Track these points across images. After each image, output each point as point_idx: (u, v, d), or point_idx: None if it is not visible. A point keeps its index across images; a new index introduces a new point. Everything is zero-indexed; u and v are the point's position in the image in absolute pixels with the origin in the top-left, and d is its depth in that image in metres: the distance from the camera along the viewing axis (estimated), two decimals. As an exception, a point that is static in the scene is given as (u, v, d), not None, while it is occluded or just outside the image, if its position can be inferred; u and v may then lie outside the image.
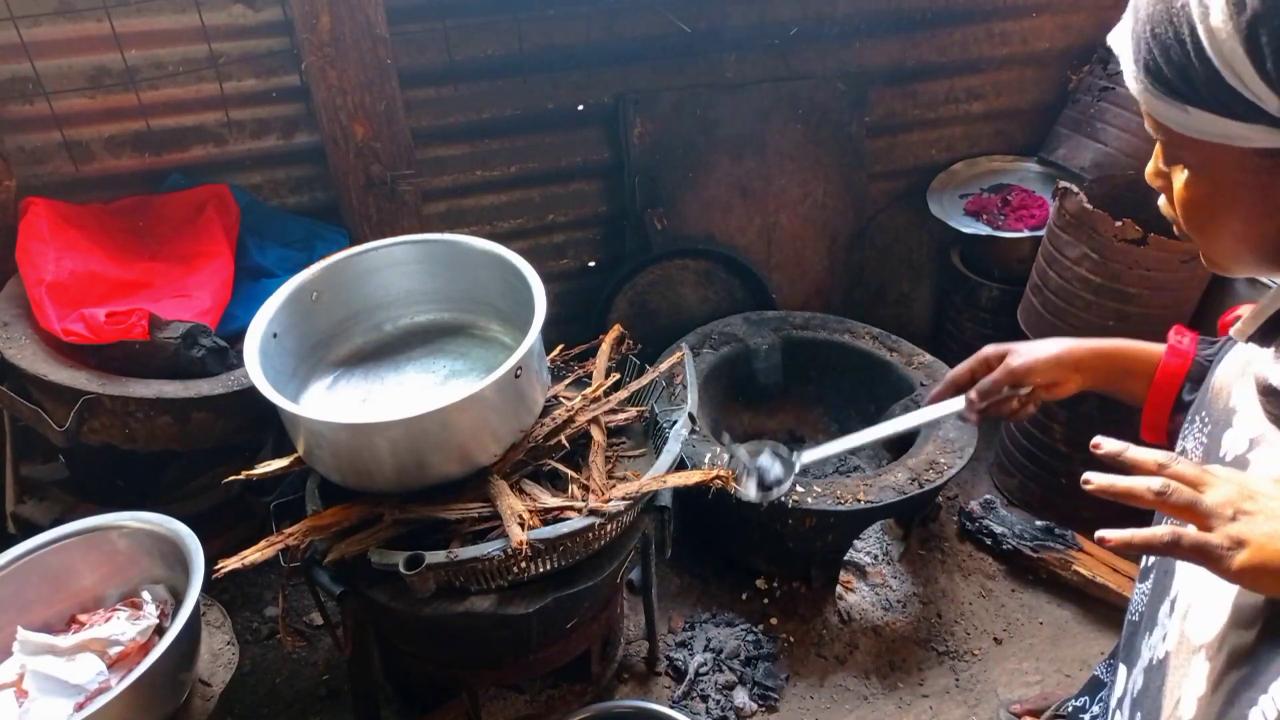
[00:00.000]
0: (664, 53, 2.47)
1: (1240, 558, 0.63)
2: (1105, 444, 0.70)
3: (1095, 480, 0.68)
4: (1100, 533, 0.67)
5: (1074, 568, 2.24)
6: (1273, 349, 0.75)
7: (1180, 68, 0.66)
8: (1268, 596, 0.66)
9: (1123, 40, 0.72)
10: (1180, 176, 0.74)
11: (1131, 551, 0.67)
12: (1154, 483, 0.67)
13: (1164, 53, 0.67)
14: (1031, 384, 1.19)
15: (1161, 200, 0.79)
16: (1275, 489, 0.67)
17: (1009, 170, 2.92)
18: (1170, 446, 1.12)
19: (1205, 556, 0.64)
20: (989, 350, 1.26)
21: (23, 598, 1.57)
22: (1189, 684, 0.73)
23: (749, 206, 2.71)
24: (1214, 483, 0.67)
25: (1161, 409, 1.12)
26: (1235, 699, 0.66)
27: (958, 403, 1.27)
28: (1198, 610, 0.76)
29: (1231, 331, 0.82)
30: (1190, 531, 0.65)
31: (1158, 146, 0.76)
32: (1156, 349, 1.12)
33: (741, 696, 1.98)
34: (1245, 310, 0.81)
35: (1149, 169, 0.80)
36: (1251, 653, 0.67)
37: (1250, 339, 0.80)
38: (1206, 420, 0.86)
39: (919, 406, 2.13)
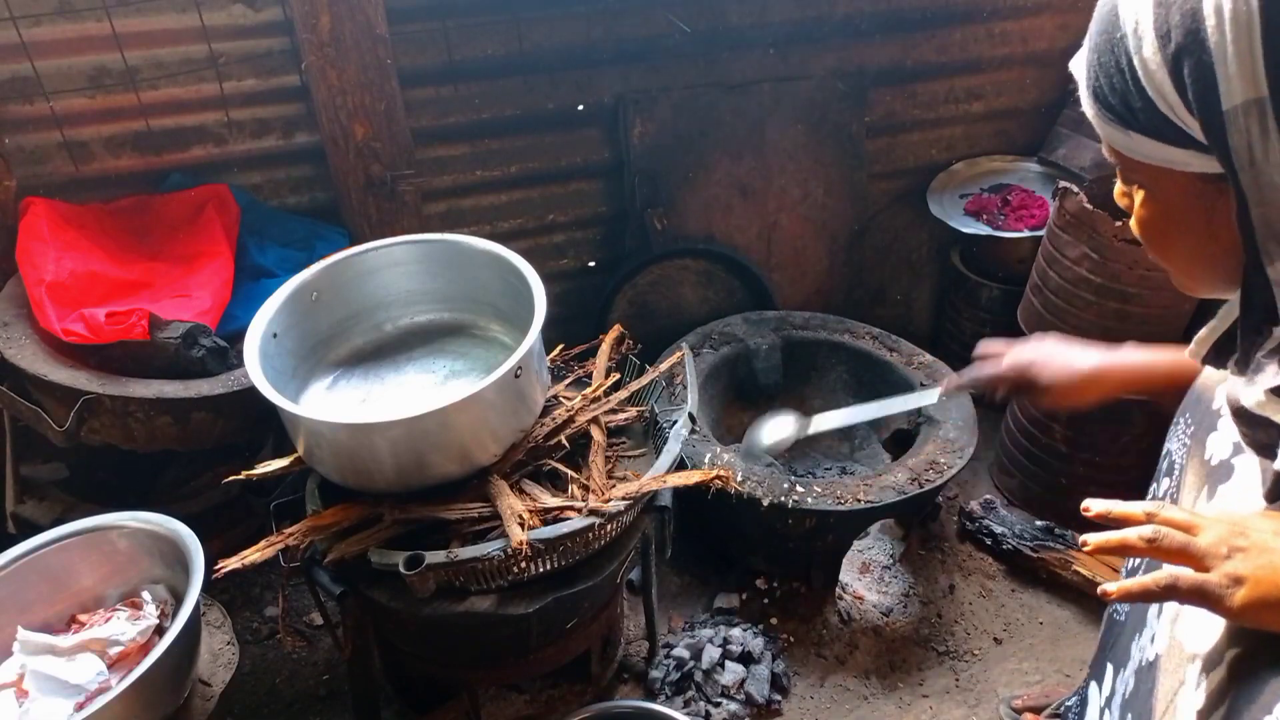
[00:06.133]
0: (664, 53, 2.47)
1: (1240, 595, 0.63)
2: (1094, 505, 0.71)
3: (1092, 540, 0.69)
4: (1102, 587, 0.68)
5: (1074, 568, 2.24)
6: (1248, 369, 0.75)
7: (1122, 95, 0.68)
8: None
9: (1079, 67, 0.75)
10: (1137, 197, 0.76)
11: (1132, 601, 0.67)
12: (1145, 531, 0.67)
13: (1108, 80, 0.69)
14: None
15: (1132, 220, 0.80)
16: (1265, 523, 0.67)
17: (1009, 170, 2.92)
18: None
19: (1205, 597, 0.64)
20: (1018, 363, 1.23)
21: (23, 598, 1.57)
22: (1184, 694, 0.73)
23: (749, 206, 2.71)
24: (1205, 524, 0.67)
25: None
26: (1238, 717, 0.66)
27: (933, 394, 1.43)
28: (1189, 615, 0.75)
29: (1186, 352, 0.83)
30: (1187, 573, 0.65)
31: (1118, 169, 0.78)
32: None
33: (741, 696, 1.98)
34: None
35: (1116, 189, 0.81)
36: (1253, 672, 0.66)
37: (1205, 359, 0.80)
38: (1191, 421, 0.86)
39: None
